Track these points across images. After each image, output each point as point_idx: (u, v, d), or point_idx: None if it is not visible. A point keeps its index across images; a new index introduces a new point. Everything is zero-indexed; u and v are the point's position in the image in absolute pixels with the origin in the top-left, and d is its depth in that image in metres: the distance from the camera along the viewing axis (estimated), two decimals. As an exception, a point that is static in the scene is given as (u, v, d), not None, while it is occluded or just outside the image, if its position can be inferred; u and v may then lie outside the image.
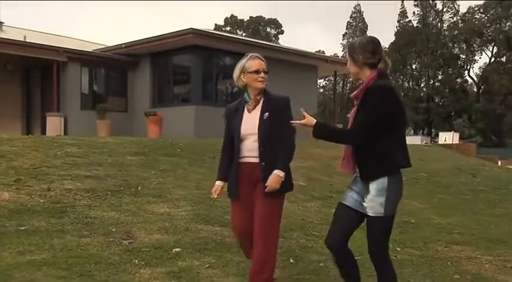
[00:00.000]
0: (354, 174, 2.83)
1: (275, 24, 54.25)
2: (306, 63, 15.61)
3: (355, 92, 2.74)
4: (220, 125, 3.84)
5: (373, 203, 2.63)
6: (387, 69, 2.73)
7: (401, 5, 45.65)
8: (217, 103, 13.32)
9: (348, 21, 50.03)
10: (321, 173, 8.34)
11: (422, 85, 45.61)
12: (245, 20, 53.56)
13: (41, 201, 4.88)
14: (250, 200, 3.00)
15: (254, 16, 53.65)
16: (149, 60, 14.31)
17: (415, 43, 43.07)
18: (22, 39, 13.26)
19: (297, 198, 6.28)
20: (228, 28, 51.32)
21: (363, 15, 49.45)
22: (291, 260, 4.06)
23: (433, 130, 41.75)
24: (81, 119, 13.21)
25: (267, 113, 2.94)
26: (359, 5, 49.91)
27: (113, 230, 4.36)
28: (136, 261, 3.71)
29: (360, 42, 2.75)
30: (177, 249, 3.98)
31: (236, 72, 3.07)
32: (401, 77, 46.63)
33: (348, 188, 2.86)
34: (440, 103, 42.58)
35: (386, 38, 74.32)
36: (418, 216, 6.22)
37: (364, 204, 2.68)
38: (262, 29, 53.85)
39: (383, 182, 2.62)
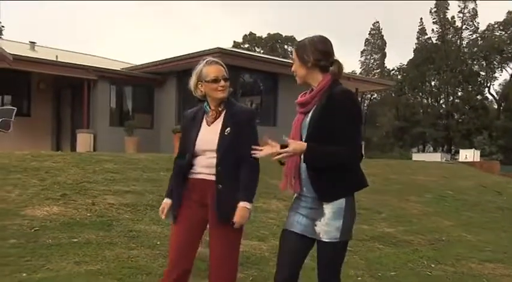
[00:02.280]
0: (296, 195, 2.47)
1: (292, 41, 54.76)
2: (328, 81, 15.80)
3: (304, 98, 2.41)
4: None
5: (329, 227, 2.29)
6: (341, 73, 2.39)
7: (420, 22, 45.81)
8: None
9: (366, 38, 50.31)
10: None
11: (441, 102, 45.38)
12: (263, 37, 54.24)
13: (88, 215, 5.14)
14: (195, 223, 2.60)
15: (272, 33, 54.33)
16: (175, 78, 14.70)
17: (434, 60, 43.02)
18: (54, 59, 13.77)
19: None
20: (246, 45, 52.01)
21: (381, 32, 49.68)
22: (330, 274, 4.21)
23: (452, 147, 41.38)
24: (109, 136, 13.56)
25: (228, 129, 2.56)
26: (378, 22, 50.12)
27: (158, 243, 4.58)
28: (184, 273, 3.91)
29: (311, 41, 2.38)
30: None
31: (193, 81, 2.66)
32: (420, 93, 46.50)
33: (291, 212, 2.46)
34: (460, 120, 42.24)
35: (405, 55, 74.49)
36: (448, 234, 6.31)
37: (317, 228, 2.32)
38: (279, 46, 54.42)
39: (340, 203, 2.30)
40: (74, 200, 5.51)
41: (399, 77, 46.46)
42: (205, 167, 2.57)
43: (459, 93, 43.37)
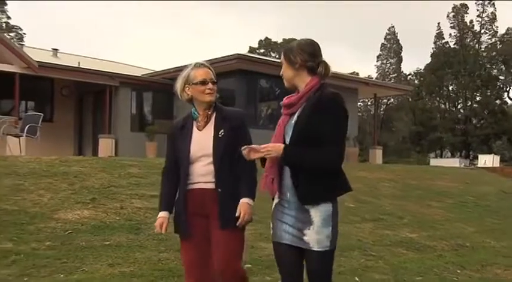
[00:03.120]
0: (277, 200, 2.39)
1: (308, 46, 54.80)
2: (346, 86, 15.79)
3: (290, 99, 2.38)
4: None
5: (319, 235, 2.23)
6: (328, 74, 2.39)
7: (438, 26, 45.46)
8: (260, 125, 13.70)
9: (382, 43, 50.07)
10: (369, 195, 8.49)
11: (459, 106, 44.90)
12: (278, 42, 54.41)
13: (117, 218, 5.28)
14: (202, 236, 2.51)
15: (287, 38, 54.47)
16: (194, 84, 14.89)
17: (452, 64, 42.62)
18: (76, 65, 14.07)
19: (349, 219, 6.48)
20: (262, 50, 52.22)
21: (397, 36, 49.41)
22: (356, 279, 4.26)
23: (470, 152, 40.88)
24: (130, 141, 13.79)
25: (222, 131, 2.52)
26: (393, 26, 49.86)
27: (186, 246, 4.69)
28: (213, 275, 4.00)
29: (299, 43, 2.41)
30: (248, 265, 4.24)
31: (179, 84, 2.60)
32: (438, 98, 46.09)
33: (276, 221, 2.37)
34: (478, 125, 41.74)
35: (422, 59, 73.96)
36: (471, 240, 6.30)
37: (306, 238, 2.24)
38: (295, 51, 54.53)
39: (327, 209, 2.25)
40: (103, 204, 5.66)
41: (416, 81, 46.12)
42: (201, 175, 2.50)
43: (477, 98, 42.87)
